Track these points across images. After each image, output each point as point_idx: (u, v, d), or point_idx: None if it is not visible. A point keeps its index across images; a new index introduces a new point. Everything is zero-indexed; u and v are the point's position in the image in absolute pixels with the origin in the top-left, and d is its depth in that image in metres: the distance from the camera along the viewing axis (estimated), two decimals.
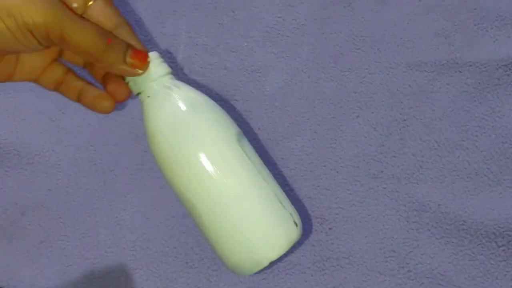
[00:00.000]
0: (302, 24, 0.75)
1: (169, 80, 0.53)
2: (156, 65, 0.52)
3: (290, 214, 0.53)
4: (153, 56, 0.53)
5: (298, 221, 0.53)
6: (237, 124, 0.71)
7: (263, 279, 0.67)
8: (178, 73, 0.73)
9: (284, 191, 0.69)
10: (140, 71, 0.52)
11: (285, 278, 0.67)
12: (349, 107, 0.72)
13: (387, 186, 0.69)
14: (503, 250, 0.67)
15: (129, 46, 0.52)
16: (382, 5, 0.75)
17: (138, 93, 0.53)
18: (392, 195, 0.69)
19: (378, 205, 0.69)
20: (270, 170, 0.70)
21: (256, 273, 0.54)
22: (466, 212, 0.68)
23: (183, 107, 0.52)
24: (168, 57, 0.73)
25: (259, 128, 0.71)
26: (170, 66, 0.55)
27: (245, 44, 0.74)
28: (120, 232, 0.68)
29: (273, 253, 0.52)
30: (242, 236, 0.51)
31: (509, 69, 0.72)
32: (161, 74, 0.53)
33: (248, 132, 0.71)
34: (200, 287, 0.67)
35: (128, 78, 0.53)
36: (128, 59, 0.52)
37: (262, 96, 0.72)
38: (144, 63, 0.52)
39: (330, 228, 0.68)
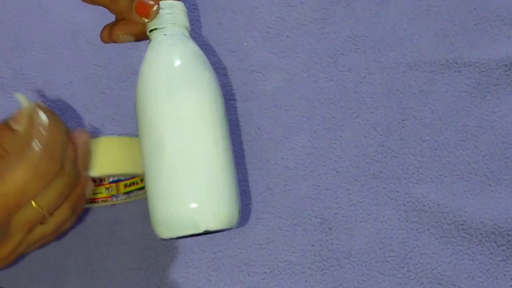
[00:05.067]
0: (302, 24, 0.75)
1: (188, 34, 0.57)
2: (183, 15, 0.56)
3: (240, 201, 0.56)
4: (181, 6, 0.56)
5: (240, 211, 0.56)
6: (237, 124, 0.72)
7: (263, 279, 0.67)
8: None
9: (283, 190, 0.69)
10: (146, 20, 0.55)
11: (285, 278, 0.67)
12: (349, 107, 0.72)
13: (387, 186, 0.69)
14: (503, 249, 0.67)
15: None
16: (382, 5, 0.75)
17: (155, 29, 0.56)
18: (392, 195, 0.69)
19: (378, 205, 0.69)
20: (270, 169, 0.70)
21: (178, 238, 0.55)
22: (466, 212, 0.68)
23: (193, 56, 0.55)
24: None
25: (259, 128, 0.71)
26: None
27: (245, 44, 0.74)
28: (120, 232, 0.68)
29: (212, 224, 0.54)
30: (198, 192, 0.54)
31: (509, 69, 0.72)
32: (185, 25, 0.57)
33: (248, 132, 0.71)
34: (200, 287, 0.67)
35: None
36: (133, 9, 0.55)
37: (262, 96, 0.72)
38: (147, 13, 0.55)
39: (330, 228, 0.68)
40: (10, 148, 0.50)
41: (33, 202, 0.50)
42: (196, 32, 0.74)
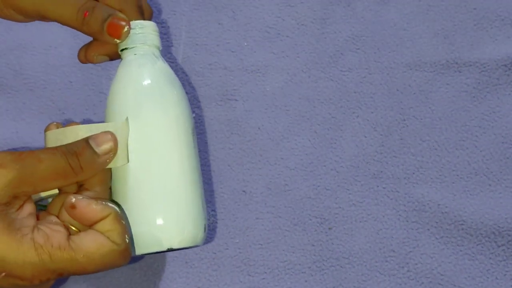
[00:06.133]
0: (302, 24, 0.75)
1: (158, 53, 0.57)
2: (154, 35, 0.56)
3: (206, 218, 0.56)
4: (152, 26, 0.56)
5: (206, 228, 0.56)
6: (237, 124, 0.72)
7: (263, 279, 0.67)
8: (178, 73, 0.73)
9: (284, 191, 0.69)
10: (118, 41, 0.55)
11: (285, 278, 0.67)
12: (349, 107, 0.72)
13: (387, 186, 0.69)
14: (503, 249, 0.67)
15: (109, 16, 0.55)
16: (382, 5, 0.75)
17: (125, 49, 0.56)
18: (392, 195, 0.69)
19: (378, 205, 0.69)
20: (270, 169, 0.70)
21: (142, 255, 0.56)
22: (466, 212, 0.68)
23: (162, 76, 0.56)
24: (168, 57, 0.74)
25: (259, 128, 0.71)
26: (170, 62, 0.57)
27: (245, 44, 0.74)
28: None
29: (176, 241, 0.54)
30: (162, 210, 0.54)
31: (509, 69, 0.72)
32: (155, 44, 0.57)
33: (248, 132, 0.71)
34: (200, 287, 0.67)
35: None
36: (105, 30, 0.55)
37: (262, 96, 0.72)
38: (119, 34, 0.55)
39: (330, 228, 0.68)
40: (85, 166, 0.52)
41: None
42: (196, 32, 0.74)
